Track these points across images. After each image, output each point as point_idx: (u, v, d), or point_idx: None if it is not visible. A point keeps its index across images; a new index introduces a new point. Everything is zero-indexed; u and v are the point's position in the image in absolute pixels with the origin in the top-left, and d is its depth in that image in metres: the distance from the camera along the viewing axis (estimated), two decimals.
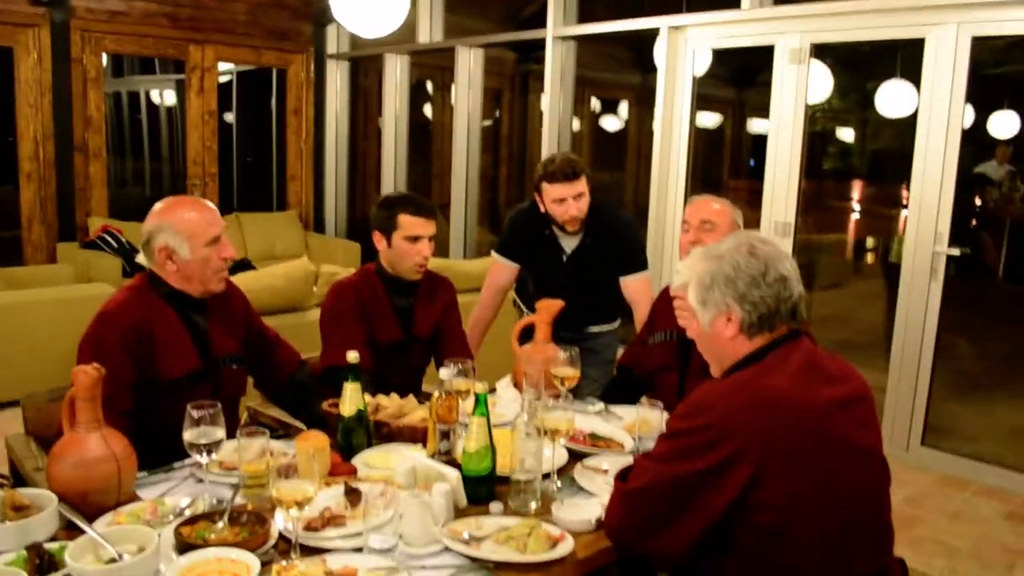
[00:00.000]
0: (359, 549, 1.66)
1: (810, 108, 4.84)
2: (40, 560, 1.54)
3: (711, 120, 7.72)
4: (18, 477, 2.15)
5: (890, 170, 6.91)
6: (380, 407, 2.37)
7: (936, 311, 4.27)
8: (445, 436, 2.12)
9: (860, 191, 7.30)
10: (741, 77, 7.18)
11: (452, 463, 2.03)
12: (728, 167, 7.84)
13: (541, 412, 2.04)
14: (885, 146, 7.05)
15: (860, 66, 6.04)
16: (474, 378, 2.33)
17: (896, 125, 5.60)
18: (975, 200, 5.46)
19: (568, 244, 3.29)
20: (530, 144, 8.27)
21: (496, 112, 8.50)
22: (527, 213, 3.37)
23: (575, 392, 2.46)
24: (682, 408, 1.68)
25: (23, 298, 4.73)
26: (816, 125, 5.94)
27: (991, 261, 5.43)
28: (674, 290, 1.95)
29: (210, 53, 7.54)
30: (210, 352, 2.36)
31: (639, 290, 3.29)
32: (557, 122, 6.09)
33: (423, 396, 2.67)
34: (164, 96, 8.70)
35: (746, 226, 2.76)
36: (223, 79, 7.94)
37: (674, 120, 5.38)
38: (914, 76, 4.45)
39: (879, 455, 1.76)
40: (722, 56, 5.47)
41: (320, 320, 2.83)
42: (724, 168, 7.80)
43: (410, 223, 2.72)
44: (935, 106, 4.20)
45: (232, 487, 1.89)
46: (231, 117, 8.47)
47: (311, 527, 1.72)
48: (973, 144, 4.88)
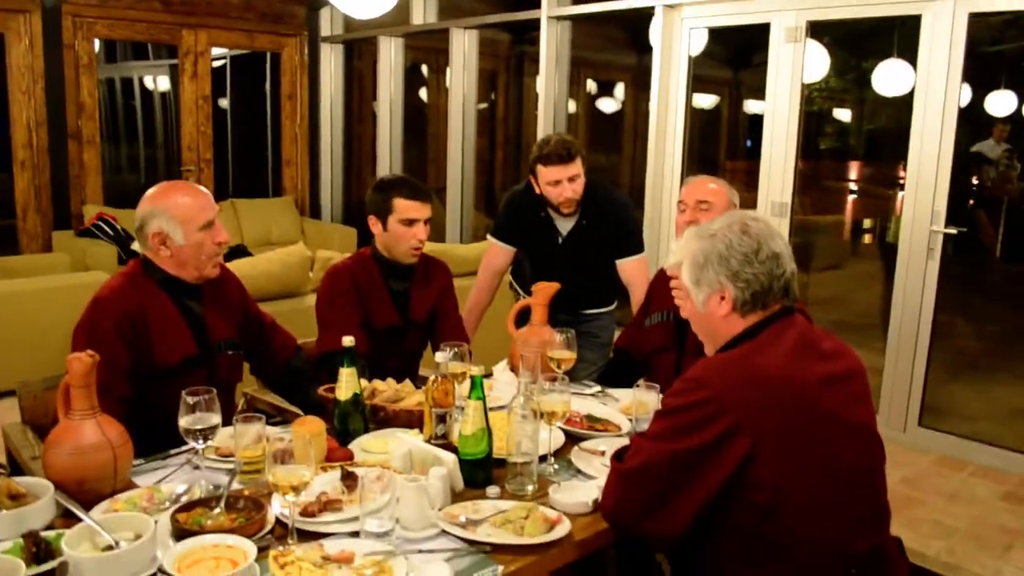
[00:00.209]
0: (356, 534, 1.66)
1: (806, 88, 4.81)
2: (37, 548, 1.54)
3: (708, 101, 7.70)
4: (15, 466, 2.15)
5: (887, 149, 6.90)
6: (376, 391, 2.37)
7: (933, 291, 4.26)
8: (441, 420, 2.11)
9: (857, 171, 7.29)
10: (737, 57, 7.16)
11: (448, 447, 2.03)
12: (725, 148, 7.83)
13: (537, 395, 2.04)
14: (882, 125, 7.03)
15: (856, 45, 6.02)
16: (470, 361, 2.33)
17: (893, 104, 5.58)
18: (972, 179, 5.45)
19: (564, 226, 3.28)
20: (526, 126, 8.23)
21: (491, 94, 8.46)
22: (522, 195, 3.35)
23: (572, 375, 2.46)
24: (678, 384, 1.67)
25: (19, 287, 4.72)
26: (813, 105, 5.92)
27: (988, 240, 5.43)
28: (668, 269, 1.95)
29: (203, 37, 7.49)
30: (206, 338, 2.36)
31: (635, 272, 3.28)
32: (553, 104, 6.05)
33: (420, 380, 2.67)
34: (158, 82, 8.64)
35: (743, 207, 2.76)
36: (217, 64, 7.89)
37: (670, 101, 5.35)
38: (911, 55, 4.43)
39: (873, 432, 1.76)
40: (718, 36, 5.44)
41: (316, 305, 2.82)
42: (721, 149, 7.79)
43: (405, 206, 2.71)
44: (932, 84, 4.18)
45: (228, 473, 1.89)
46: (225, 102, 8.42)
47: (308, 512, 1.72)
48: (970, 123, 4.87)
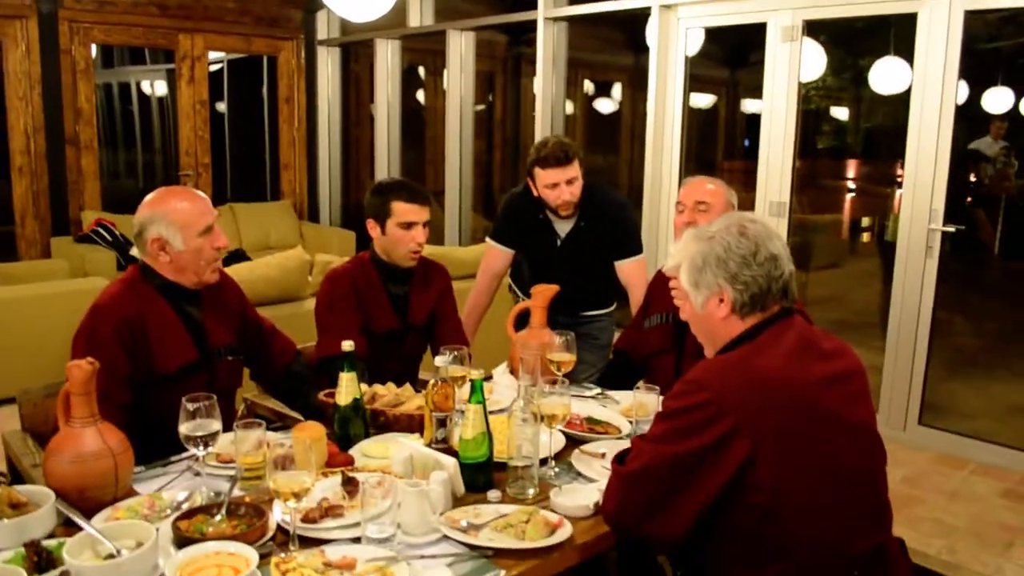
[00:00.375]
0: (357, 539, 1.66)
1: (803, 86, 4.81)
2: (38, 557, 1.53)
3: (704, 101, 7.69)
4: (15, 473, 2.15)
5: (884, 147, 6.90)
6: (376, 396, 2.37)
7: (932, 289, 4.26)
8: (441, 424, 2.11)
9: (855, 169, 7.29)
10: (734, 56, 7.15)
11: (449, 451, 2.03)
12: (722, 148, 7.82)
13: (538, 398, 2.04)
14: (879, 123, 7.03)
15: (853, 43, 6.01)
16: (470, 365, 2.33)
17: (890, 102, 5.58)
18: (970, 177, 5.45)
19: (562, 228, 3.28)
20: (523, 128, 8.23)
21: (489, 96, 8.46)
22: (520, 198, 3.35)
23: (571, 377, 2.46)
24: (678, 387, 1.67)
25: (18, 294, 4.72)
26: (810, 104, 5.92)
27: (986, 238, 5.42)
28: (667, 271, 1.95)
29: (200, 42, 7.49)
30: (205, 344, 2.35)
31: (634, 273, 3.28)
32: (550, 105, 6.05)
33: (419, 384, 2.67)
34: (155, 86, 8.64)
35: (741, 207, 2.76)
36: (214, 68, 7.89)
37: (667, 101, 5.36)
38: (907, 52, 4.43)
39: (873, 431, 1.76)
40: (714, 35, 5.44)
41: (315, 309, 2.82)
42: (718, 149, 7.78)
43: (404, 210, 2.71)
44: (929, 82, 4.18)
45: (229, 479, 1.89)
46: (223, 106, 8.42)
47: (309, 518, 1.72)
48: (967, 120, 4.86)
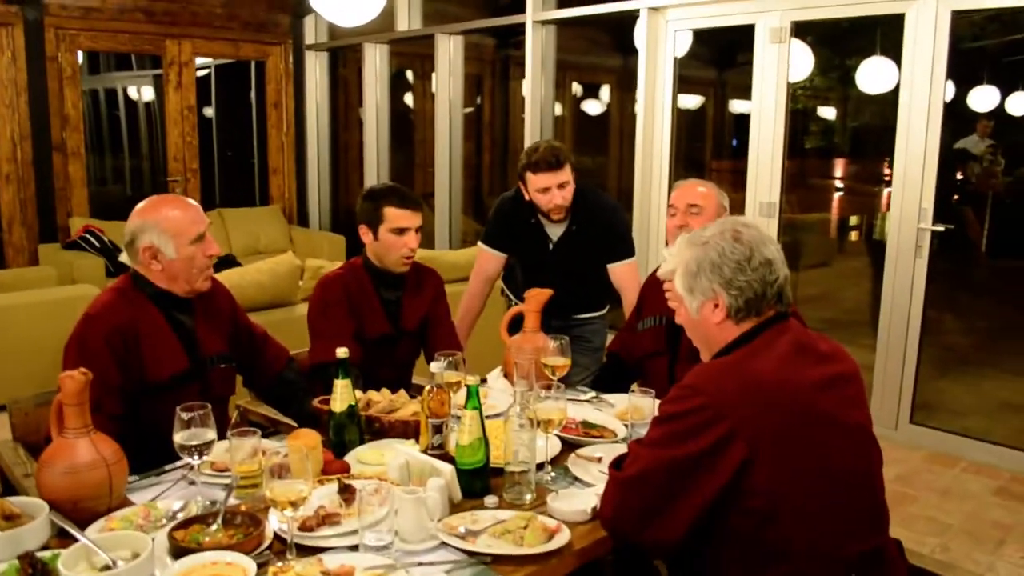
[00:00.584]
0: (355, 547, 1.66)
1: (791, 87, 4.83)
2: (33, 570, 1.52)
3: (692, 101, 7.71)
4: (7, 484, 2.14)
5: (871, 146, 6.93)
6: (371, 402, 2.36)
7: (922, 288, 4.28)
8: (438, 430, 2.11)
9: (842, 169, 7.32)
10: (722, 57, 7.17)
11: (445, 457, 2.02)
12: (711, 148, 7.84)
13: (533, 403, 2.04)
14: (866, 123, 7.06)
15: (839, 43, 6.04)
16: (464, 370, 2.33)
17: (876, 101, 5.61)
18: (957, 175, 5.47)
19: (554, 232, 3.28)
20: (512, 130, 8.23)
21: (477, 99, 8.46)
22: (512, 202, 3.35)
23: (565, 380, 2.46)
24: (674, 391, 1.68)
25: (6, 301, 4.68)
26: (797, 103, 5.94)
27: (974, 236, 5.45)
28: (662, 276, 1.95)
29: (187, 47, 7.46)
30: (198, 352, 2.35)
31: (626, 276, 3.29)
32: (539, 107, 6.06)
33: (413, 389, 2.66)
34: (142, 92, 8.61)
35: (731, 208, 2.77)
36: (201, 73, 7.86)
37: (656, 103, 5.37)
38: (893, 52, 4.45)
39: (869, 434, 1.76)
40: (702, 36, 5.45)
41: (308, 315, 2.82)
42: (707, 149, 7.80)
43: (396, 215, 2.71)
44: (916, 82, 4.20)
45: (225, 488, 1.88)
46: (210, 112, 8.39)
47: (306, 527, 1.71)
48: (954, 119, 4.89)
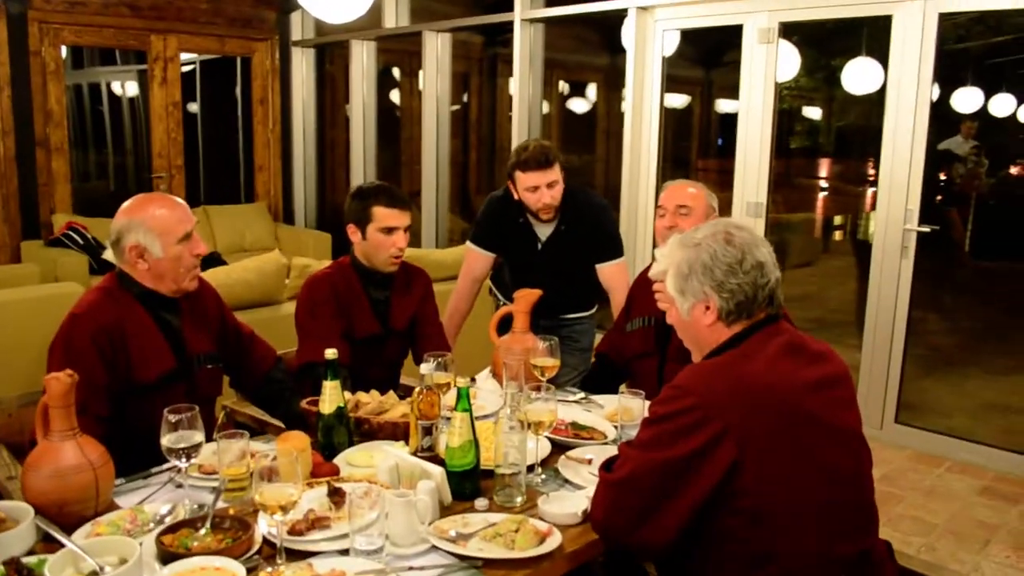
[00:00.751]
0: (345, 551, 1.65)
1: (778, 87, 4.85)
2: (19, 575, 1.51)
3: (679, 101, 7.72)
4: None
5: (856, 147, 6.96)
6: (360, 404, 2.35)
7: (907, 289, 4.30)
8: (427, 432, 2.10)
9: (827, 169, 7.35)
10: (709, 57, 7.18)
11: (435, 459, 2.01)
12: (697, 147, 7.85)
13: (523, 404, 2.03)
14: (851, 123, 7.09)
15: (825, 44, 6.06)
16: (454, 371, 2.32)
17: (861, 102, 5.63)
18: (941, 176, 5.50)
19: (543, 232, 3.27)
20: (500, 128, 8.21)
21: (464, 96, 8.43)
22: (500, 201, 3.35)
23: (554, 381, 2.45)
24: (665, 392, 1.68)
25: None
26: (783, 103, 5.96)
27: (958, 237, 5.48)
28: (653, 277, 1.95)
29: (172, 43, 7.40)
30: (184, 352, 2.33)
31: (615, 276, 3.29)
32: (527, 105, 6.05)
33: (401, 389, 2.65)
34: (126, 87, 8.52)
35: (718, 208, 2.76)
36: (186, 69, 7.80)
37: (644, 102, 5.37)
38: (879, 53, 4.47)
39: (859, 435, 1.77)
40: (689, 36, 5.46)
41: (296, 315, 2.80)
42: (693, 148, 7.81)
43: (384, 215, 2.69)
44: (903, 85, 4.22)
45: (212, 491, 1.86)
46: (196, 108, 8.32)
47: (296, 530, 1.70)
48: (938, 120, 4.91)
